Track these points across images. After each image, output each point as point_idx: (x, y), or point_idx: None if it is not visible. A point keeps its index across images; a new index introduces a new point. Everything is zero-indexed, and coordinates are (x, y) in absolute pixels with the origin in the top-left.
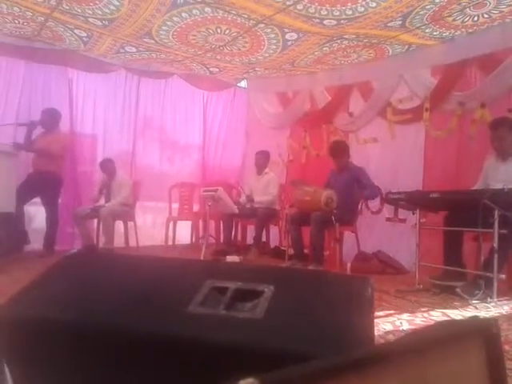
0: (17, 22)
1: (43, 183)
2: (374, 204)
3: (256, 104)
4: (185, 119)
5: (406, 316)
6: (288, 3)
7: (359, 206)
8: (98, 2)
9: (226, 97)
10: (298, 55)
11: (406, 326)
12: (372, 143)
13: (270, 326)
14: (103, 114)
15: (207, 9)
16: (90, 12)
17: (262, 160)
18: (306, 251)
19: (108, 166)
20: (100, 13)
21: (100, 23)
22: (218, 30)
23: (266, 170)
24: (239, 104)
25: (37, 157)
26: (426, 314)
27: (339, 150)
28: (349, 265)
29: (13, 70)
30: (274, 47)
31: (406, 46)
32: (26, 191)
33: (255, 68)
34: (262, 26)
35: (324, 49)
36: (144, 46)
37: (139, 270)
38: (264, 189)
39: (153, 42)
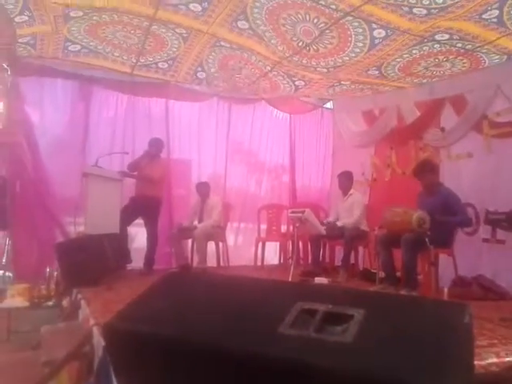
0: (126, 29)
1: (145, 206)
2: None
3: (341, 124)
4: (272, 142)
5: None
6: None
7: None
8: None
9: (312, 118)
10: (385, 57)
11: None
12: (466, 159)
13: (360, 351)
14: (197, 140)
15: None
16: None
17: (345, 181)
18: (398, 274)
19: (203, 189)
20: None
21: (200, 8)
22: (307, 17)
23: (351, 190)
24: (325, 125)
25: (140, 182)
26: None
27: (425, 171)
28: (446, 290)
29: (117, 103)
30: (361, 45)
31: (505, 56)
32: (129, 213)
33: (341, 81)
34: (350, 18)
35: (414, 52)
36: (236, 44)
37: (232, 290)
38: (349, 210)
39: (247, 26)
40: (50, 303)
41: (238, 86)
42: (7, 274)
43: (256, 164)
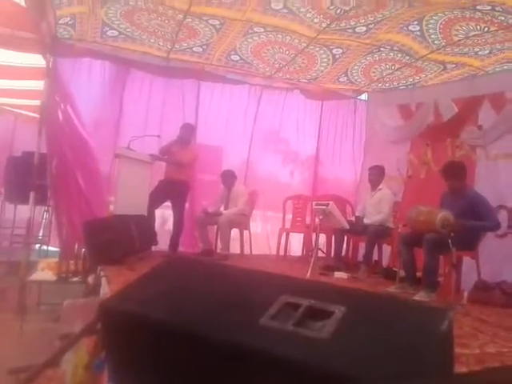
0: (160, 19)
1: (173, 190)
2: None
3: (376, 117)
4: (303, 132)
5: None
6: None
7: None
8: None
9: (345, 110)
10: (427, 10)
11: None
12: (504, 159)
13: (334, 347)
14: (228, 126)
15: None
16: None
17: (376, 176)
18: (418, 275)
19: (227, 177)
20: None
21: None
22: None
23: (381, 185)
24: (358, 117)
25: (170, 166)
26: None
27: (455, 172)
28: (466, 294)
29: (153, 85)
30: (401, 4)
31: None
32: (157, 197)
33: (380, 47)
34: None
35: (455, 12)
36: (271, 26)
37: (224, 279)
38: (376, 206)
39: (281, 6)
40: (77, 279)
41: (271, 72)
42: (43, 247)
43: (285, 153)
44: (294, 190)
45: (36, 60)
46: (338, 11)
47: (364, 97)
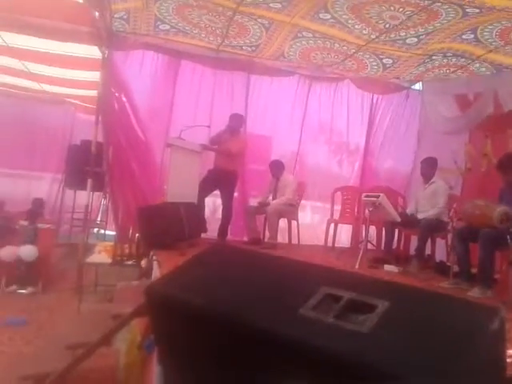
0: (210, 14)
1: (222, 179)
2: None
3: (430, 107)
4: (353, 123)
5: None
6: None
7: None
8: None
9: (397, 100)
10: (481, 21)
11: None
12: None
13: (374, 342)
14: (277, 116)
15: None
16: None
17: (428, 169)
18: (473, 271)
19: (275, 167)
20: None
21: (279, 5)
22: (392, 8)
23: (434, 178)
24: (411, 107)
25: (219, 155)
26: None
27: (511, 165)
28: None
29: (203, 76)
30: (453, 14)
31: None
32: (206, 185)
33: (432, 56)
34: (439, 4)
35: None
36: (319, 33)
37: (266, 267)
38: (430, 199)
39: (329, 16)
40: (130, 262)
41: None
42: (101, 231)
43: (335, 143)
44: (344, 181)
45: (93, 51)
46: (387, 25)
47: (418, 86)
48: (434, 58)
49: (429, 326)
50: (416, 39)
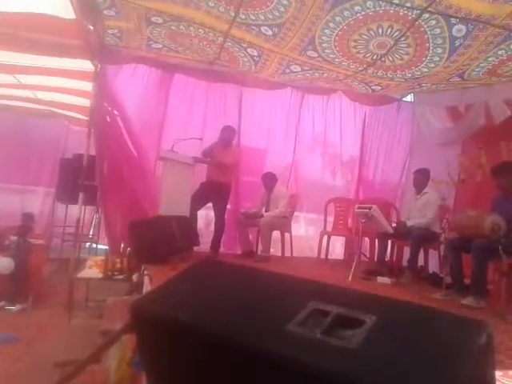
0: (201, 44)
1: (215, 191)
2: None
3: (422, 119)
4: (346, 134)
5: None
6: None
7: None
8: (269, 4)
9: (389, 112)
10: (467, 62)
11: None
12: None
13: (362, 358)
14: (270, 128)
15: (369, 3)
16: (262, 18)
17: (421, 179)
18: (466, 281)
19: (268, 179)
20: (271, 17)
21: (270, 32)
22: (380, 31)
23: (426, 189)
24: (403, 119)
25: (212, 168)
26: None
27: (505, 172)
28: None
29: (196, 89)
30: (440, 51)
31: None
32: (199, 198)
33: (421, 84)
34: (426, 16)
35: (500, 53)
36: (308, 64)
37: (254, 282)
38: (421, 209)
39: (316, 55)
40: (122, 277)
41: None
42: (93, 245)
43: (328, 155)
44: (337, 193)
45: (85, 64)
46: (375, 57)
47: (409, 98)
48: (423, 85)
49: (416, 341)
50: (403, 80)
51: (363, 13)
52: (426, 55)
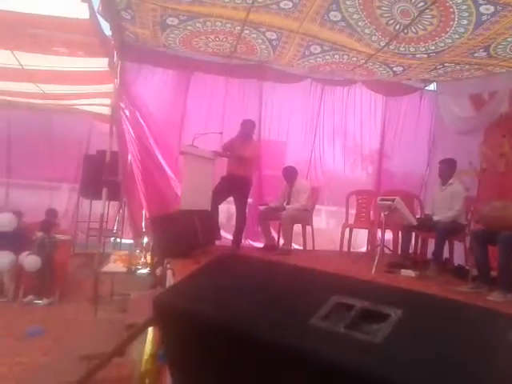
0: (218, 39)
1: (236, 185)
2: None
3: (444, 108)
4: (366, 126)
5: None
6: None
7: None
8: None
9: (411, 102)
10: (494, 37)
11: None
12: None
13: (387, 354)
14: (290, 121)
15: None
16: None
17: (447, 170)
18: (492, 274)
19: (289, 173)
20: None
21: (291, 4)
22: None
23: (452, 180)
24: (425, 109)
25: (232, 162)
26: None
27: None
28: None
29: (215, 85)
30: (466, 22)
31: None
32: (219, 192)
33: (444, 63)
34: None
35: None
36: (328, 44)
37: (276, 276)
38: (448, 201)
39: (339, 17)
40: (145, 271)
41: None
42: (117, 240)
43: (350, 147)
44: (359, 185)
45: (105, 64)
46: (398, 26)
47: (432, 87)
48: (446, 65)
49: (445, 336)
50: (426, 55)
51: None
52: (450, 25)
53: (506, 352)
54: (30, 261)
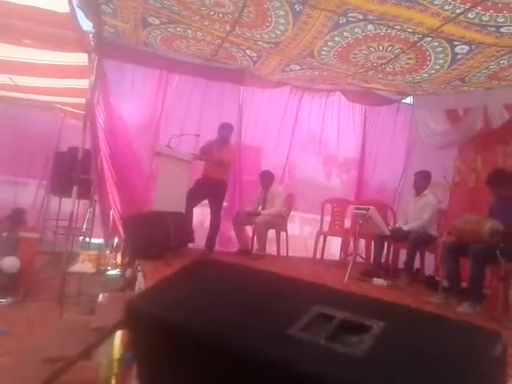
0: (199, 44)
1: (211, 188)
2: None
3: (420, 121)
4: (344, 135)
5: None
6: (458, 11)
7: None
8: (265, 28)
9: (388, 113)
10: (469, 70)
11: None
12: None
13: (368, 366)
14: (267, 127)
15: (370, 26)
16: (258, 36)
17: (422, 181)
18: (463, 285)
19: (265, 178)
20: (267, 37)
21: (267, 46)
22: (380, 48)
23: (426, 191)
24: (401, 121)
25: (209, 165)
26: None
27: (501, 181)
28: None
29: (194, 86)
30: (442, 62)
31: None
32: (195, 195)
33: (421, 85)
34: (429, 39)
35: (502, 62)
36: (307, 64)
37: (254, 284)
38: (419, 212)
39: (315, 61)
40: (115, 272)
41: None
42: (86, 239)
43: (325, 155)
44: (334, 193)
45: (82, 59)
46: (374, 64)
47: (409, 100)
48: (423, 85)
49: (426, 350)
50: (404, 83)
51: (363, 34)
52: (427, 64)
53: (486, 367)
54: (8, 262)
